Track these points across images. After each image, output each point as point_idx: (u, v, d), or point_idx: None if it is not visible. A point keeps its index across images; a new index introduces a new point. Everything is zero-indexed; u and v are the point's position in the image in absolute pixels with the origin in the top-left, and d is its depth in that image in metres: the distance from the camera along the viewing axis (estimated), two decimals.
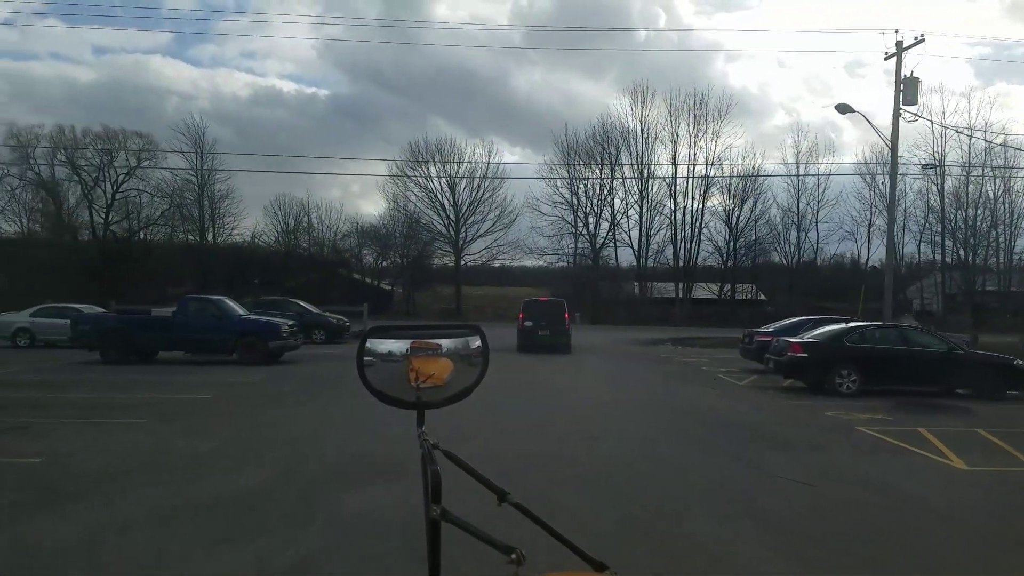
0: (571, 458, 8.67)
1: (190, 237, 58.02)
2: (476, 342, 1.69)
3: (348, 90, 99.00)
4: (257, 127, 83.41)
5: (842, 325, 17.02)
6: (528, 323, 25.53)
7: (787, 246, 57.37)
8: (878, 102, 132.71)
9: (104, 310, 23.55)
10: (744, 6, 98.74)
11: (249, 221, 62.31)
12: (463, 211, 57.79)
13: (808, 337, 16.19)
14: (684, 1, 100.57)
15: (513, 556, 1.23)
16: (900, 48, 27.08)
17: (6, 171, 59.00)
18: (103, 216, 60.60)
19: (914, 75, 27.25)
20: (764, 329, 20.31)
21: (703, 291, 56.30)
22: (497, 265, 61.58)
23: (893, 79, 27.30)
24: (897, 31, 27.57)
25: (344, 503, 6.55)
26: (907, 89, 27.18)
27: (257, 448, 8.88)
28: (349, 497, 6.73)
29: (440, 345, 1.67)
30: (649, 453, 9.15)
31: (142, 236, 60.31)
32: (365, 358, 1.59)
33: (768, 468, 8.43)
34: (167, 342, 18.81)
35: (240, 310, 19.97)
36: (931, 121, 42.98)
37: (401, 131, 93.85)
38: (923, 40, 26.85)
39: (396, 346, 1.64)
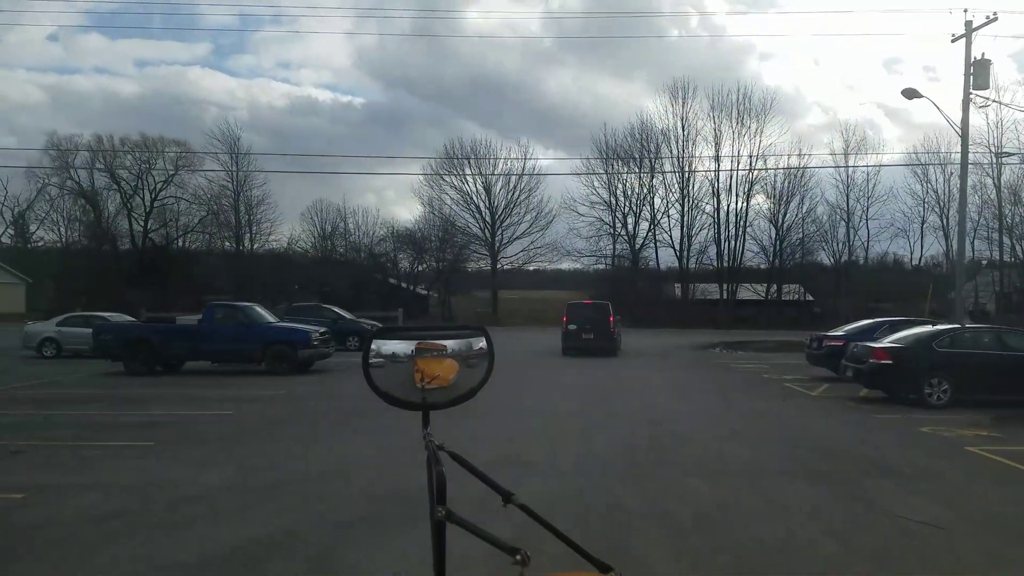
0: (666, 500, 7.27)
1: (227, 244, 57.60)
2: (481, 343, 1.68)
3: (382, 98, 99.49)
4: (294, 136, 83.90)
5: (928, 328, 15.28)
6: (572, 326, 24.62)
7: (834, 244, 55.12)
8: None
9: (132, 319, 22.71)
10: (776, 5, 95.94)
11: (285, 227, 62.27)
12: (499, 213, 56.79)
13: (890, 341, 14.50)
14: (715, 1, 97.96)
15: (518, 557, 1.24)
16: (969, 29, 25.13)
17: (47, 180, 59.60)
18: (142, 224, 60.84)
19: (985, 57, 25.37)
20: (834, 333, 18.54)
21: (746, 292, 54.17)
22: (533, 268, 60.54)
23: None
24: (966, 11, 25.35)
25: (376, 557, 5.27)
26: (977, 73, 25.23)
27: (273, 482, 7.59)
28: (381, 550, 5.43)
29: (445, 346, 1.67)
30: (748, 487, 7.69)
31: (180, 244, 60.35)
32: (371, 360, 1.59)
33: (883, 503, 6.94)
34: (192, 352, 17.75)
35: (270, 317, 18.91)
36: (1005, 105, 40.21)
37: (435, 137, 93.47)
38: (995, 19, 24.90)
39: (401, 347, 1.64)
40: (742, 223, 52.97)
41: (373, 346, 1.61)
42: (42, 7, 69.17)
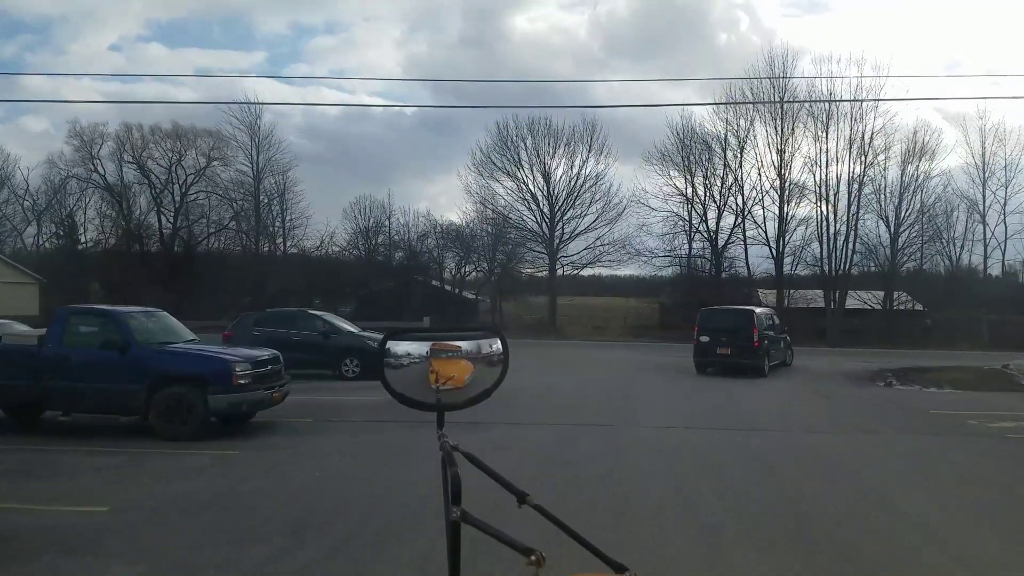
0: None
1: (251, 243, 51.28)
2: (496, 345, 1.69)
3: (433, 103, 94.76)
4: (346, 142, 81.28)
5: None
6: (704, 337, 20.93)
7: (951, 245, 45.62)
8: None
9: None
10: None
11: (320, 224, 55.30)
12: (559, 204, 48.52)
13: None
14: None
15: (533, 558, 1.24)
16: None
17: (69, 172, 54.34)
18: (171, 221, 55.21)
19: None
20: None
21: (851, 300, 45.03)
22: (595, 271, 52.36)
23: None
24: None
25: None
26: None
27: None
28: None
29: (460, 347, 1.68)
30: None
31: (208, 244, 54.34)
32: (386, 360, 1.61)
33: None
34: (33, 394, 10.60)
35: (178, 333, 11.54)
36: None
37: (486, 143, 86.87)
38: None
39: (417, 348, 1.64)
40: (854, 217, 43.70)
41: (388, 347, 1.62)
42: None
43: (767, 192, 45.30)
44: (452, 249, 49.31)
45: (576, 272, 50.75)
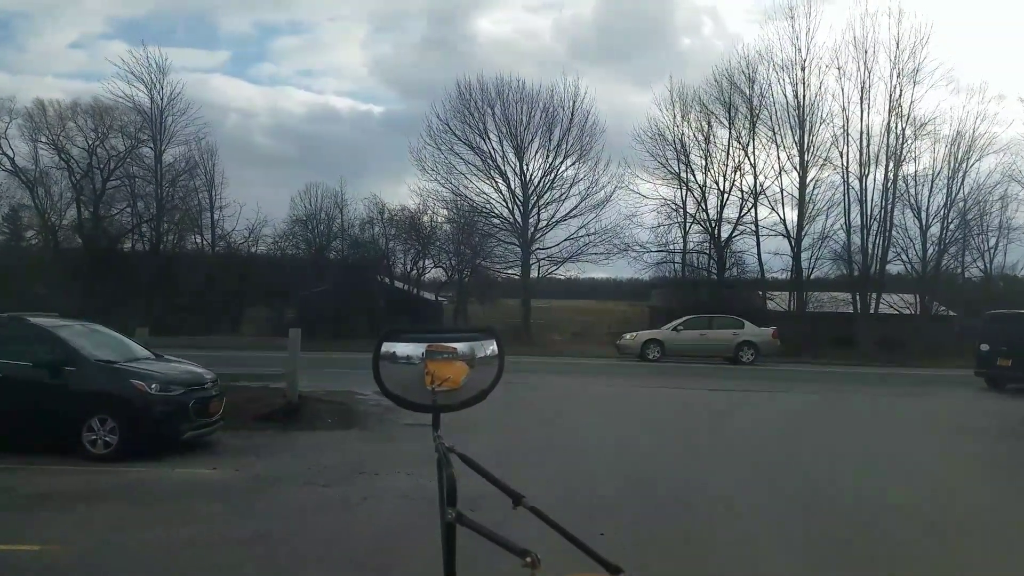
0: None
1: (152, 235, 42.60)
2: (491, 346, 1.70)
3: (401, 106, 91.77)
4: (314, 142, 75.72)
5: None
6: (985, 346, 20.07)
7: (984, 242, 38.04)
8: None
9: None
10: None
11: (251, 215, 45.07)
12: (535, 184, 39.40)
13: None
14: None
15: (528, 559, 1.25)
16: None
17: None
18: (90, 211, 46.92)
19: None
20: None
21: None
22: (570, 274, 43.69)
23: None
24: None
25: None
26: None
27: None
28: None
29: (455, 348, 1.69)
30: None
31: (135, 238, 45.99)
32: (381, 361, 1.63)
33: None
34: None
35: None
36: None
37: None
38: None
39: (412, 349, 1.66)
40: (889, 206, 35.46)
41: (384, 348, 1.64)
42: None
43: (788, 170, 36.92)
44: (406, 241, 41.36)
45: (555, 268, 42.07)
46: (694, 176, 38.22)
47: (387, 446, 9.86)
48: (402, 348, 1.64)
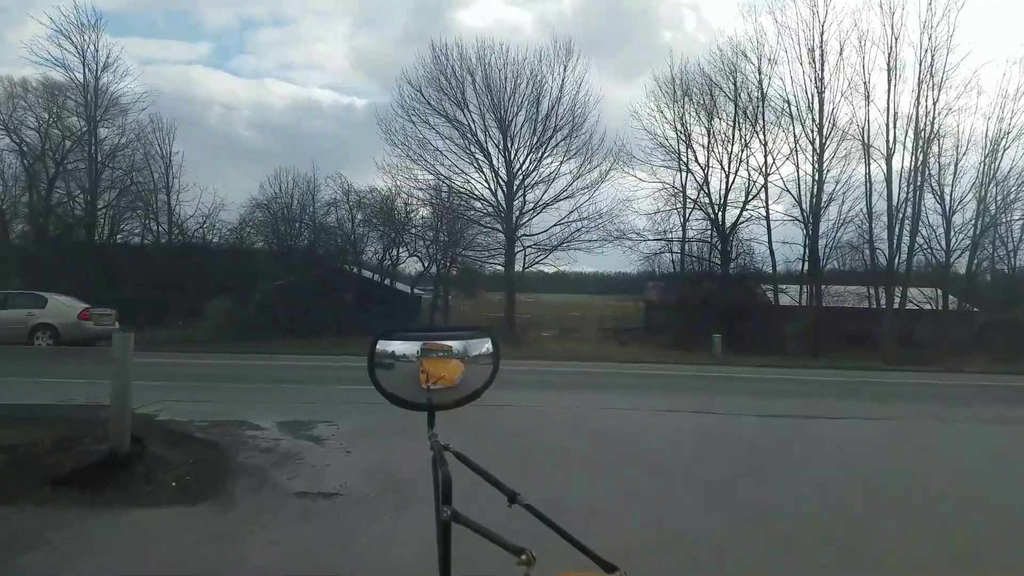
0: None
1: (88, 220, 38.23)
2: (486, 345, 1.69)
3: (384, 99, 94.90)
4: (297, 135, 73.60)
5: None
6: None
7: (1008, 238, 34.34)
8: None
9: None
10: None
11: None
12: (521, 163, 34.59)
13: None
14: None
15: (523, 557, 1.24)
16: None
17: None
18: (43, 195, 42.68)
19: None
20: None
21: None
22: (557, 267, 38.80)
23: None
24: None
25: None
26: None
27: None
28: None
29: (451, 347, 1.67)
30: None
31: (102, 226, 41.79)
32: (376, 360, 1.60)
33: None
34: None
35: None
36: None
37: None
38: None
39: (407, 348, 1.63)
40: (915, 195, 31.33)
41: (379, 346, 1.61)
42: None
43: (801, 150, 32.81)
44: (377, 227, 37.19)
45: (543, 257, 37.55)
46: (695, 156, 34.38)
47: (244, 544, 5.48)
48: (396, 346, 1.62)
